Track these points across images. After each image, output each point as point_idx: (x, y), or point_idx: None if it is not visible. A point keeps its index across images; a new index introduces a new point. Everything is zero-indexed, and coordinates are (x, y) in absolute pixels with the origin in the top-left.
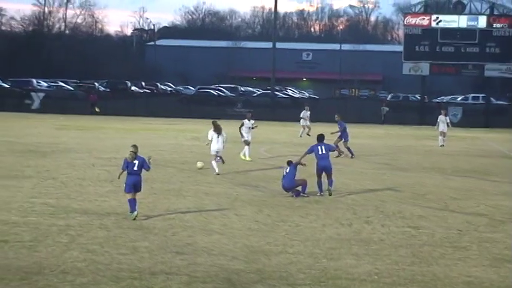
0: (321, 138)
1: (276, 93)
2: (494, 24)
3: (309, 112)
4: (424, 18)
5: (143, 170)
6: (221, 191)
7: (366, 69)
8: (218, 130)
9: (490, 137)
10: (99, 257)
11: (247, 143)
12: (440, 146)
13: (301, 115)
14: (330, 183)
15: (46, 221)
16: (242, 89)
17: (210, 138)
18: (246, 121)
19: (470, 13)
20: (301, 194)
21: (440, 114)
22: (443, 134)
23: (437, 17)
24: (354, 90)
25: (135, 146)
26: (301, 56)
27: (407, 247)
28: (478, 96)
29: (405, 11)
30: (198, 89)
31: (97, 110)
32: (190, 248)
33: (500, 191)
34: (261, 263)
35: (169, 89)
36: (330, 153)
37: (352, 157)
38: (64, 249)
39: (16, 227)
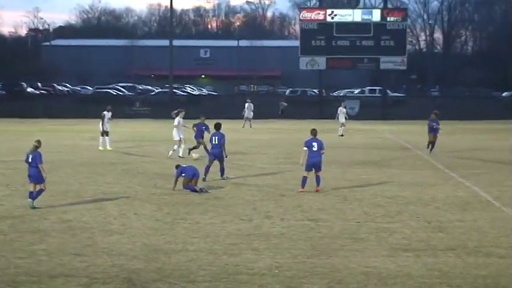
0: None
1: (174, 90)
2: (388, 18)
3: (345, 109)
4: (319, 13)
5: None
6: (120, 190)
7: (264, 65)
8: None
9: (387, 129)
10: None
11: (107, 133)
12: (339, 135)
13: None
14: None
15: None
16: (140, 87)
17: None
18: (105, 113)
19: (364, 7)
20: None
21: (339, 106)
22: (342, 125)
23: (332, 11)
24: (252, 86)
25: (38, 141)
26: (199, 53)
27: (306, 240)
28: (375, 89)
29: (301, 5)
30: (96, 88)
31: None
32: (89, 250)
33: (396, 182)
34: (161, 262)
35: (66, 89)
36: None
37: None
38: None
39: None
